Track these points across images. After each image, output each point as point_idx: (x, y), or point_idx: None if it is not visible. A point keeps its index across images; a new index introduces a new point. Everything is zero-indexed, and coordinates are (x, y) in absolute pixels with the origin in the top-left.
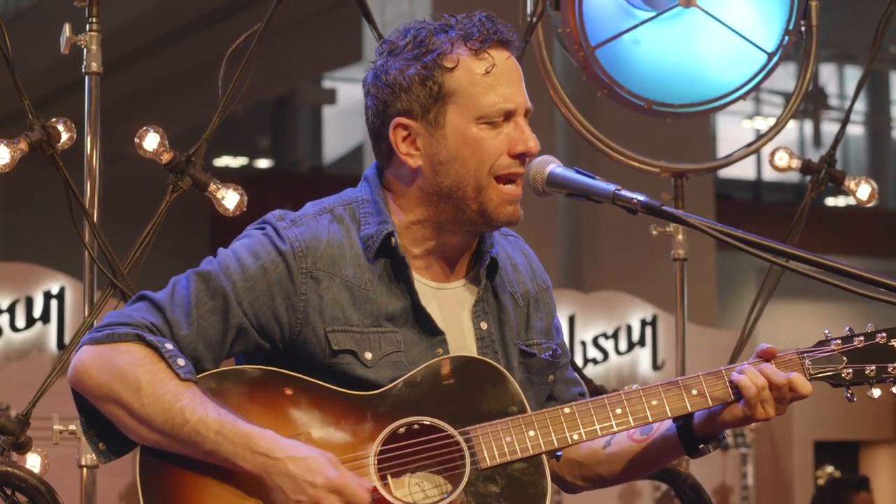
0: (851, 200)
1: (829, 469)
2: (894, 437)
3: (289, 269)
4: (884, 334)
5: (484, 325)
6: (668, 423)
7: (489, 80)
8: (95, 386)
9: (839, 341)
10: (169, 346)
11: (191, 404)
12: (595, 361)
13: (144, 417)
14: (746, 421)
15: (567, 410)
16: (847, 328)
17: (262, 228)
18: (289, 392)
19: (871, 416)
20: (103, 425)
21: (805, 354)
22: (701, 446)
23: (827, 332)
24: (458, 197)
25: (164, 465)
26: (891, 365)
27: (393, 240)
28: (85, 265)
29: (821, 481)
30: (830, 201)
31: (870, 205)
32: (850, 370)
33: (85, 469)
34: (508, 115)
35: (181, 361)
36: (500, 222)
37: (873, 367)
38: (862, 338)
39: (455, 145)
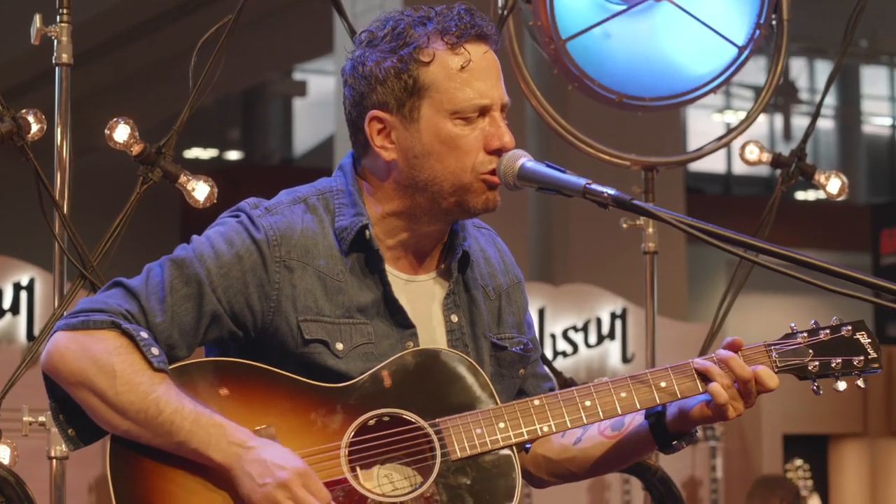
0: (822, 194)
1: (798, 462)
2: (863, 430)
3: (263, 257)
4: (849, 327)
5: (454, 318)
6: (640, 419)
7: (464, 75)
8: (69, 372)
9: (805, 334)
10: (144, 334)
11: (166, 395)
12: (565, 354)
13: (118, 406)
14: (716, 419)
15: (537, 403)
16: (812, 321)
17: (237, 216)
18: (259, 384)
19: (839, 410)
20: (73, 412)
21: (772, 347)
22: (675, 442)
23: (793, 325)
24: (434, 191)
25: (134, 455)
26: (856, 358)
27: (367, 232)
28: (55, 256)
29: (790, 474)
30: (801, 195)
31: (840, 199)
32: (817, 363)
33: (55, 461)
34: (483, 111)
35: (155, 351)
36: (478, 210)
37: (839, 360)
38: (827, 331)
39: (429, 140)
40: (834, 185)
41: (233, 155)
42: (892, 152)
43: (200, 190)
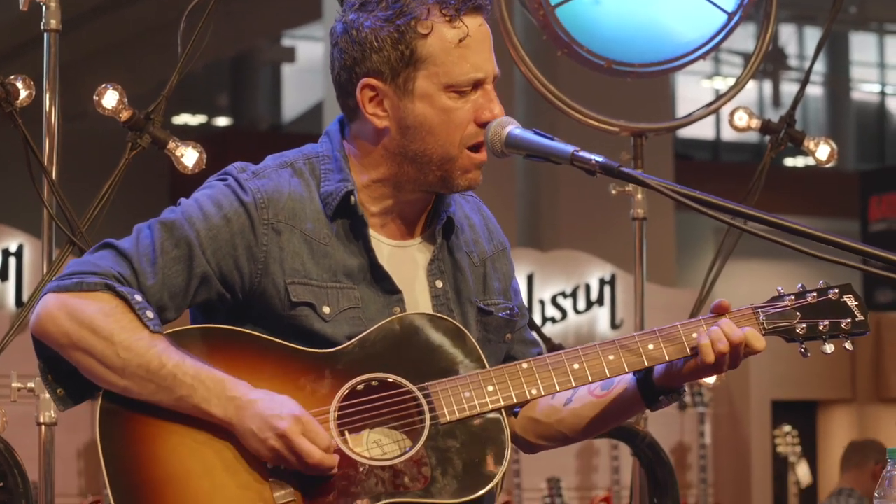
0: (811, 161)
1: (787, 428)
2: (852, 396)
3: (251, 220)
4: (836, 290)
5: (439, 284)
6: (629, 378)
7: (462, 49)
8: (62, 334)
9: (792, 297)
10: (138, 297)
11: (166, 351)
12: (553, 320)
13: (117, 365)
14: (704, 375)
15: (525, 366)
16: (799, 285)
17: (224, 180)
18: (247, 350)
19: (828, 376)
20: (63, 372)
21: (759, 310)
22: (661, 398)
23: (780, 288)
24: (422, 161)
25: (125, 415)
26: (844, 320)
27: (352, 198)
28: (43, 222)
29: (778, 440)
30: (789, 161)
31: (829, 165)
32: (804, 325)
33: (43, 427)
34: (477, 84)
35: (150, 314)
36: (460, 188)
37: (826, 323)
38: (815, 294)
39: (423, 112)
40: (823, 151)
41: (221, 121)
42: (880, 119)
43: (189, 156)
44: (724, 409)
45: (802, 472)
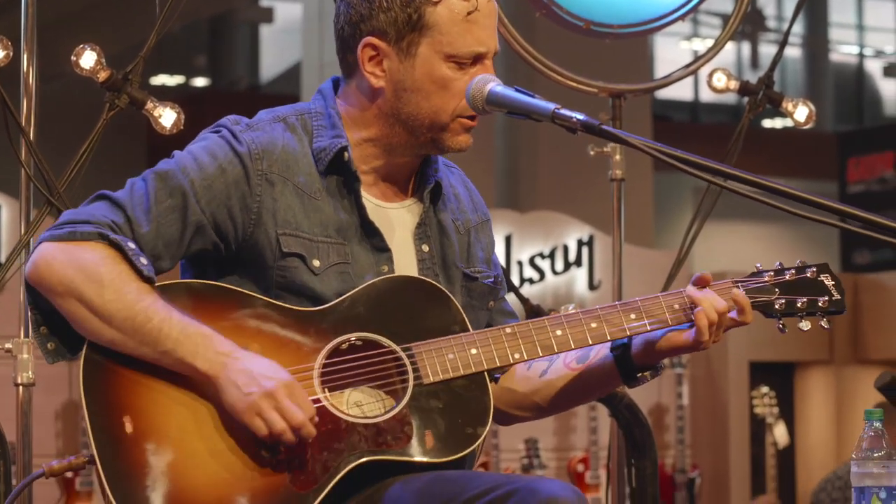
0: (789, 122)
1: (764, 390)
2: (829, 358)
3: (245, 170)
4: (813, 269)
5: (425, 248)
6: (606, 352)
7: (468, 22)
8: (56, 282)
9: (771, 273)
10: (132, 245)
11: (154, 304)
12: (531, 281)
13: (105, 315)
14: (684, 350)
15: (508, 331)
16: (777, 262)
17: (219, 131)
18: (233, 306)
19: (806, 338)
20: (55, 325)
21: (739, 284)
22: (639, 375)
23: (759, 265)
24: (413, 125)
25: (109, 368)
26: (821, 298)
27: (346, 154)
28: (21, 183)
29: (756, 401)
30: (768, 123)
31: (807, 126)
32: (783, 300)
33: (21, 387)
34: (478, 58)
35: (143, 260)
36: (451, 149)
37: (805, 300)
38: (793, 271)
39: (421, 77)
40: (801, 112)
41: (199, 81)
42: (859, 81)
43: (167, 116)
44: (701, 370)
45: (780, 433)
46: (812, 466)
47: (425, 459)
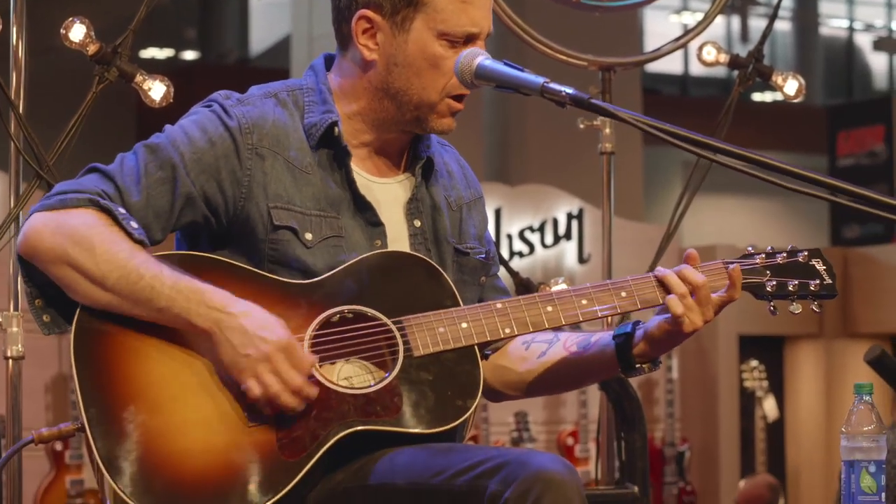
0: (779, 96)
1: (754, 363)
2: (819, 331)
3: (235, 144)
4: (805, 253)
5: (417, 223)
6: (607, 340)
7: (464, 2)
8: (47, 249)
9: (763, 255)
10: (121, 210)
11: (145, 263)
12: (521, 255)
13: (97, 276)
14: (676, 335)
15: (499, 306)
16: (769, 247)
17: (209, 106)
18: (224, 277)
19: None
20: (49, 298)
21: (729, 264)
22: (637, 366)
23: (750, 248)
24: (402, 100)
25: (100, 335)
26: (812, 282)
27: (336, 129)
28: (11, 157)
29: (745, 375)
30: (757, 97)
31: (797, 100)
32: (774, 282)
33: (10, 360)
34: (470, 38)
35: (134, 224)
36: (434, 131)
37: (796, 283)
38: (784, 254)
39: (413, 53)
40: (791, 86)
41: (189, 54)
42: (849, 54)
43: (156, 89)
44: (691, 343)
45: (769, 406)
46: (801, 440)
47: (415, 430)
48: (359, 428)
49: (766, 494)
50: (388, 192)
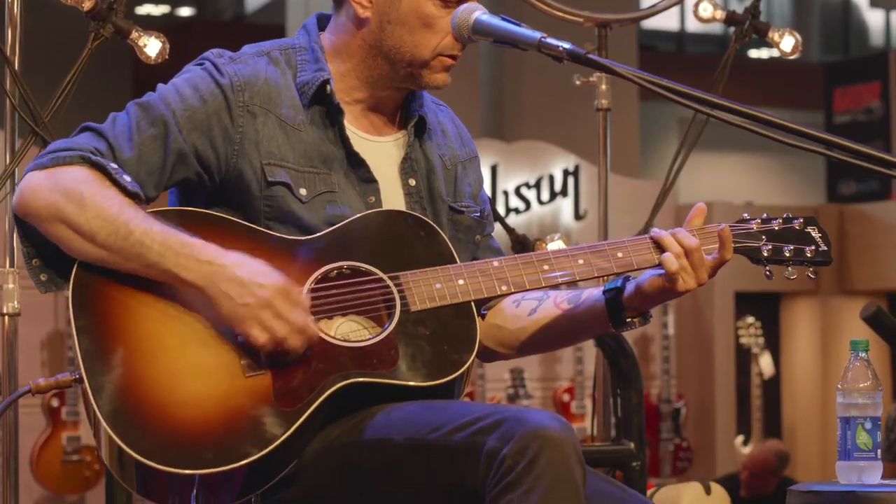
0: (775, 52)
1: (750, 320)
2: (815, 288)
3: (227, 101)
4: (800, 220)
5: (412, 182)
6: (597, 295)
7: None
8: (41, 207)
9: (758, 221)
10: (114, 165)
11: (135, 218)
12: (517, 211)
13: (88, 232)
14: (669, 292)
15: (496, 264)
16: (764, 213)
17: (201, 64)
18: (221, 233)
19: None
20: (47, 256)
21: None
22: (628, 320)
23: (746, 214)
24: (394, 58)
25: (97, 288)
26: (808, 248)
27: (328, 87)
28: (6, 113)
29: (741, 332)
30: (754, 53)
31: (793, 57)
32: (770, 247)
33: (6, 317)
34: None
35: (127, 178)
36: (429, 86)
37: (792, 248)
38: (780, 220)
39: (406, 11)
40: (787, 43)
41: (184, 11)
42: (845, 10)
43: (152, 46)
44: (687, 300)
45: (765, 363)
46: (797, 397)
47: (411, 383)
48: (356, 380)
49: (773, 461)
50: (382, 151)
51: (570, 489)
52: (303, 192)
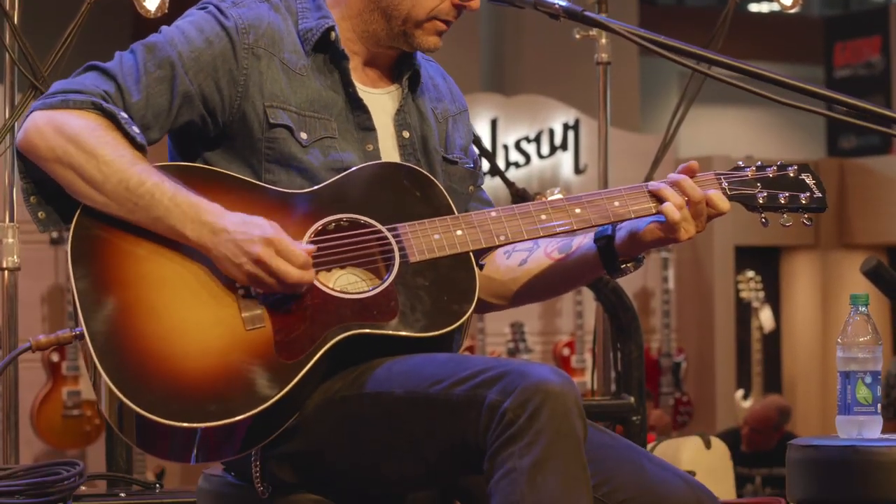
0: (775, 6)
1: (750, 274)
2: (815, 242)
3: (232, 43)
4: (794, 167)
5: (406, 134)
6: (589, 243)
7: None
8: (48, 149)
9: (753, 169)
10: (124, 114)
11: (147, 170)
12: (517, 165)
13: (98, 180)
14: (668, 241)
15: (494, 214)
16: (758, 161)
17: (205, 7)
18: (219, 188)
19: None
20: (46, 194)
21: (721, 176)
22: (623, 266)
23: (741, 162)
24: (391, 14)
25: (97, 239)
26: (803, 195)
27: (333, 34)
28: (6, 67)
29: (741, 286)
30: (754, 7)
31: (793, 10)
32: (765, 194)
33: (6, 272)
34: None
35: (136, 129)
36: (421, 49)
37: (787, 195)
38: (774, 168)
39: None
40: None
41: None
42: None
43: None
44: (687, 254)
45: (765, 317)
46: (797, 351)
47: (411, 334)
48: (356, 331)
49: (775, 416)
50: (376, 102)
51: (572, 442)
52: (303, 135)
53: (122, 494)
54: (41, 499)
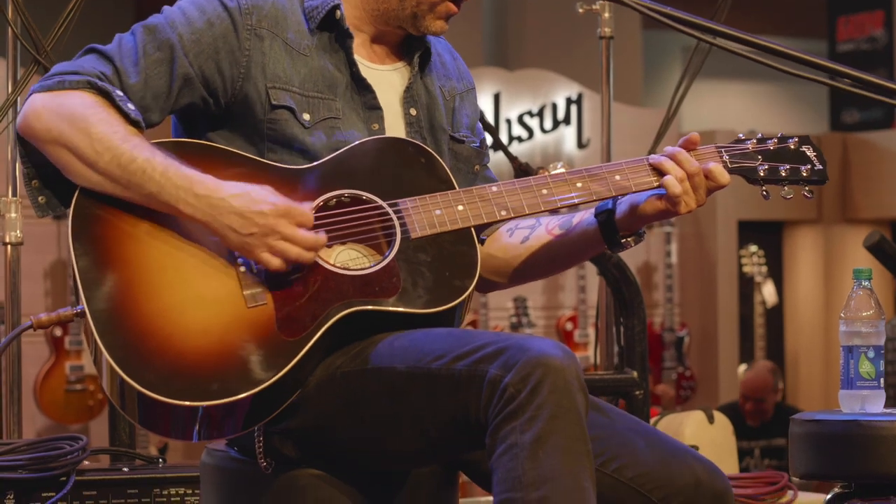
0: None
1: (753, 248)
2: (817, 216)
3: (234, 24)
4: (795, 139)
5: (413, 112)
6: (589, 218)
7: None
8: (44, 129)
9: (754, 141)
10: (119, 92)
11: (139, 147)
12: (520, 139)
13: (91, 157)
14: (668, 214)
15: (495, 189)
16: (759, 133)
17: None
18: (220, 164)
19: (794, 196)
20: (46, 178)
21: (722, 149)
22: (623, 240)
23: (741, 135)
24: None
25: (98, 217)
26: (804, 167)
27: (338, 12)
28: (8, 41)
29: (744, 260)
30: None
31: None
32: (766, 167)
33: (9, 246)
34: None
35: (131, 106)
36: (427, 30)
37: (787, 167)
38: (775, 140)
39: None
40: None
41: None
42: None
43: None
44: (690, 228)
45: (768, 291)
46: (800, 325)
47: (413, 310)
48: (358, 308)
49: (770, 379)
50: (384, 79)
51: (573, 417)
52: (306, 116)
53: (126, 469)
54: (44, 473)
